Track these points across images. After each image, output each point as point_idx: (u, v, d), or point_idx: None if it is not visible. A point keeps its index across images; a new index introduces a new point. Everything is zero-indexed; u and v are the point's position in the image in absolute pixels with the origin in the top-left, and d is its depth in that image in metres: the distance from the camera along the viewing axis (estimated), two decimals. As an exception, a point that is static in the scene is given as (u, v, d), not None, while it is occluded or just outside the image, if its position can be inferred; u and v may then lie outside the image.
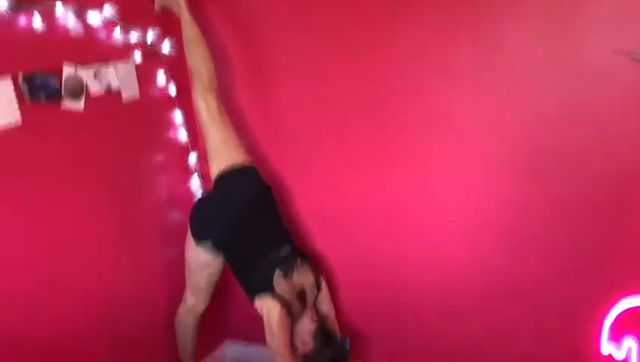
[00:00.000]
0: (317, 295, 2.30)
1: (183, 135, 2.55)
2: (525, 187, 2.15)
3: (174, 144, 2.54)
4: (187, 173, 2.58)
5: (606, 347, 2.13)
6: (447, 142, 2.24)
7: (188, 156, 2.56)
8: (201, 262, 2.33)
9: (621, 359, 2.11)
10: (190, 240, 2.32)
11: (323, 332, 2.21)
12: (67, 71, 2.02)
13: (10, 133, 1.84)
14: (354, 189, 2.45)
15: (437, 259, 2.39)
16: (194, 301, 2.44)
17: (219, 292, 2.58)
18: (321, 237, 2.60)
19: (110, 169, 2.24)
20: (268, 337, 2.14)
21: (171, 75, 2.46)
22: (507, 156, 2.15)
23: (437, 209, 2.33)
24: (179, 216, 2.57)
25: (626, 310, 2.07)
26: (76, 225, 2.12)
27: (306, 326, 2.21)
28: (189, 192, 2.57)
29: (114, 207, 2.27)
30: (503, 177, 2.18)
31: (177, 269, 2.46)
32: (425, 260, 2.41)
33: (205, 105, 2.29)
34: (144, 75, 2.35)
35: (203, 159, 2.55)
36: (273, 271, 2.18)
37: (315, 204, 2.55)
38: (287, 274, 2.19)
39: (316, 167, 2.50)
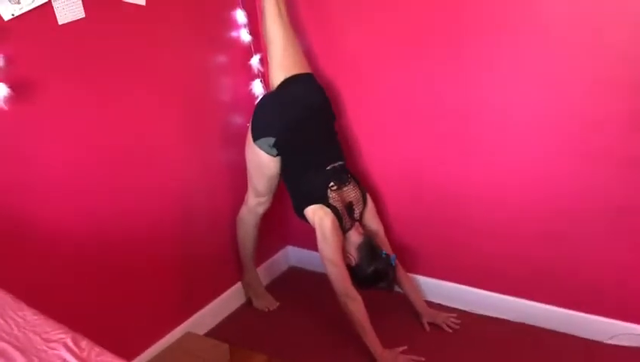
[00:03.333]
0: (363, 210, 2.31)
1: (245, 36, 2.47)
2: (602, 100, 1.96)
3: (237, 45, 2.48)
4: (249, 76, 2.53)
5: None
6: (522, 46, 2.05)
7: (250, 58, 2.50)
8: (260, 162, 2.32)
9: None
10: (250, 141, 2.30)
11: (368, 246, 2.22)
12: (129, -37, 1.95)
13: (75, 26, 1.82)
14: (406, 97, 2.36)
15: (495, 176, 2.28)
16: (255, 202, 2.46)
17: (281, 196, 2.58)
18: (369, 151, 2.55)
19: (174, 66, 2.21)
20: (320, 245, 2.17)
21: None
22: (602, 66, 1.95)
23: (499, 120, 2.19)
24: (240, 119, 2.55)
25: None
26: (147, 118, 2.13)
27: (353, 238, 2.24)
28: (251, 96, 2.53)
29: (180, 103, 2.26)
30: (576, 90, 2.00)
31: (239, 170, 2.48)
32: (481, 176, 2.31)
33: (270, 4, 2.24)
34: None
35: (266, 63, 2.50)
36: (328, 182, 2.20)
37: (367, 117, 2.50)
38: (339, 187, 2.21)
39: (370, 76, 2.41)
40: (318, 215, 2.17)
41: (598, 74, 1.96)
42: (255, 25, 2.51)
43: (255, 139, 2.28)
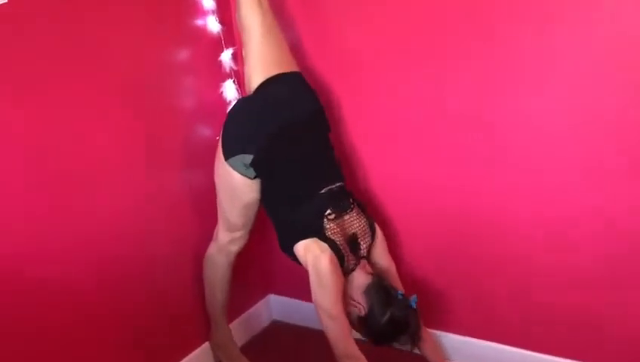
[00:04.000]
0: (371, 244, 2.03)
1: (214, 25, 2.14)
2: None
3: (204, 36, 2.16)
4: (219, 75, 2.21)
5: None
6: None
7: (220, 54, 2.18)
8: (234, 187, 2.03)
9: None
10: (220, 159, 2.01)
11: (380, 288, 1.93)
12: None
13: None
14: (417, 103, 2.09)
15: (533, 197, 1.98)
16: (227, 238, 2.16)
17: (261, 229, 2.28)
18: (372, 169, 2.27)
19: (124, 64, 1.92)
20: (315, 291, 1.90)
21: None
22: None
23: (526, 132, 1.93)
24: (208, 130, 2.23)
25: None
26: (84, 128, 1.83)
27: (360, 280, 1.95)
28: (221, 101, 2.21)
29: (128, 109, 1.97)
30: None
31: (206, 197, 2.17)
32: (515, 199, 2.02)
33: None
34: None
35: (240, 59, 2.18)
36: (324, 210, 1.93)
37: (369, 127, 2.22)
38: (338, 216, 1.94)
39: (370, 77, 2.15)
40: (312, 252, 1.88)
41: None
42: (226, 11, 2.21)
43: (227, 157, 1.98)
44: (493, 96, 1.97)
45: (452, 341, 2.27)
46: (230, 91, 2.18)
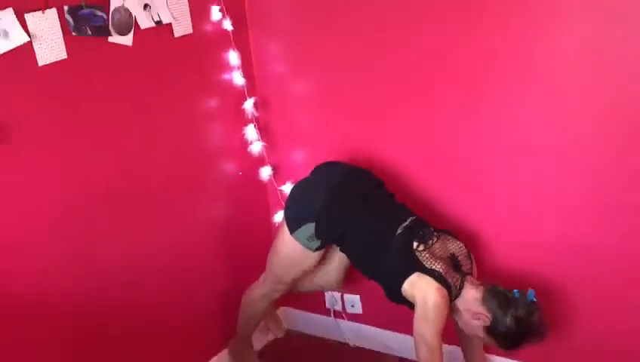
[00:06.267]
0: (471, 267, 1.91)
1: (239, 79, 2.32)
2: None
3: (229, 88, 2.33)
4: (242, 121, 2.37)
5: None
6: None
7: (244, 102, 2.35)
8: (297, 258, 2.04)
9: None
10: (285, 233, 2.02)
11: (495, 293, 1.80)
12: (115, 3, 1.85)
13: (56, 67, 1.71)
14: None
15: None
16: (273, 288, 2.20)
17: None
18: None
19: (159, 110, 2.08)
20: (418, 322, 1.79)
21: (227, 10, 2.22)
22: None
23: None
24: (231, 167, 2.40)
25: None
26: (133, 165, 2.02)
27: (472, 294, 1.82)
28: (243, 142, 2.38)
29: (168, 150, 2.13)
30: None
31: (233, 230, 2.33)
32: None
33: None
34: (197, 8, 2.14)
35: (260, 107, 2.39)
36: (410, 246, 1.82)
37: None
38: (425, 246, 1.82)
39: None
40: (418, 288, 1.78)
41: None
42: (249, 67, 2.37)
43: (292, 230, 1.97)
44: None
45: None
46: (251, 134, 2.35)
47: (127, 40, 1.90)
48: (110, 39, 1.86)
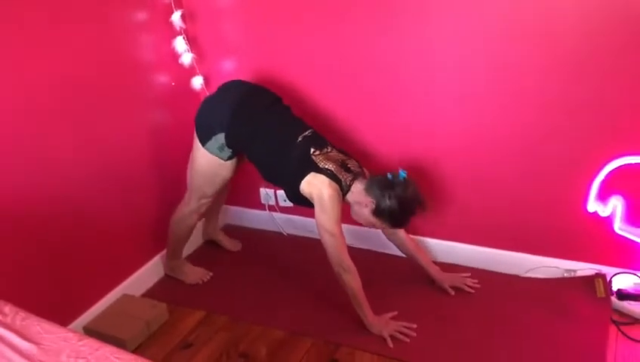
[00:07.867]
0: (362, 170, 2.13)
1: None
2: (525, 43, 2.03)
3: (156, 1, 2.37)
4: (171, 33, 2.44)
5: (592, 205, 2.15)
6: None
7: (171, 15, 2.40)
8: (213, 170, 2.20)
9: (605, 216, 2.14)
10: (198, 146, 2.17)
11: (375, 181, 2.02)
12: None
13: None
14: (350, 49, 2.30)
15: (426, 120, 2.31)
16: (199, 203, 2.34)
17: None
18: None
19: (89, 20, 2.08)
20: (318, 215, 2.00)
21: None
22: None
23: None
24: (164, 78, 2.48)
25: (615, 169, 2.06)
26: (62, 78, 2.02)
27: (358, 187, 2.04)
28: (174, 54, 2.46)
29: (96, 62, 2.15)
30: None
31: (163, 133, 2.41)
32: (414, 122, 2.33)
33: None
34: None
35: (188, 19, 2.45)
36: (308, 151, 2.03)
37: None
38: (321, 152, 2.03)
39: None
40: (314, 185, 1.99)
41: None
42: None
43: (204, 142, 2.14)
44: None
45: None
46: (181, 45, 2.42)
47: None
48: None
